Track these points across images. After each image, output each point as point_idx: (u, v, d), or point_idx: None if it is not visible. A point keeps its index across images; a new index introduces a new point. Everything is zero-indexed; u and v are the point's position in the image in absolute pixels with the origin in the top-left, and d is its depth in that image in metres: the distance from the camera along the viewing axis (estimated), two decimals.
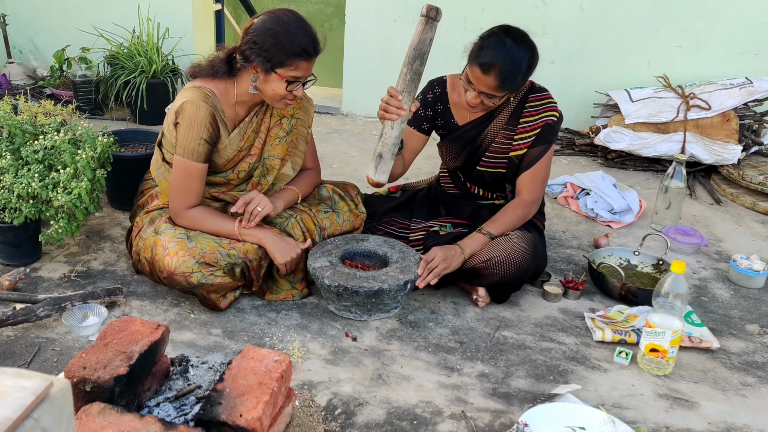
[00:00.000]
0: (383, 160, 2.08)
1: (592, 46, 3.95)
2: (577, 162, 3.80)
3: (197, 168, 2.12)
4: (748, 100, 3.55)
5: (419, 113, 2.39)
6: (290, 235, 2.23)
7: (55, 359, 1.88)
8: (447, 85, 2.38)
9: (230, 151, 2.18)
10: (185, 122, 2.08)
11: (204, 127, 2.08)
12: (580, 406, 1.71)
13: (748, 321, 2.29)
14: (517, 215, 2.27)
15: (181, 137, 2.09)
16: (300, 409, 1.66)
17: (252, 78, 2.07)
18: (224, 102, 2.14)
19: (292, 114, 2.29)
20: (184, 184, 2.13)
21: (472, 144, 2.35)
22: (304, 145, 2.35)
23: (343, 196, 2.42)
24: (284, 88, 2.04)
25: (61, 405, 0.77)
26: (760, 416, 1.82)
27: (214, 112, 2.09)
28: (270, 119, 2.25)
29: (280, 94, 2.06)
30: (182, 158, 2.10)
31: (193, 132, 2.08)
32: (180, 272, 2.01)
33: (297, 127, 2.32)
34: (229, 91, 2.14)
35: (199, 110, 2.06)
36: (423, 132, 2.41)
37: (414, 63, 1.99)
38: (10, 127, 2.35)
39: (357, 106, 4.49)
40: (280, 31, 1.99)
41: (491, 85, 2.11)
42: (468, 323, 2.17)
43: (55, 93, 4.22)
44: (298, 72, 2.03)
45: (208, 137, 2.10)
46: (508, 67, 2.08)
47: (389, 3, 4.17)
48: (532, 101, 2.29)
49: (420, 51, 1.97)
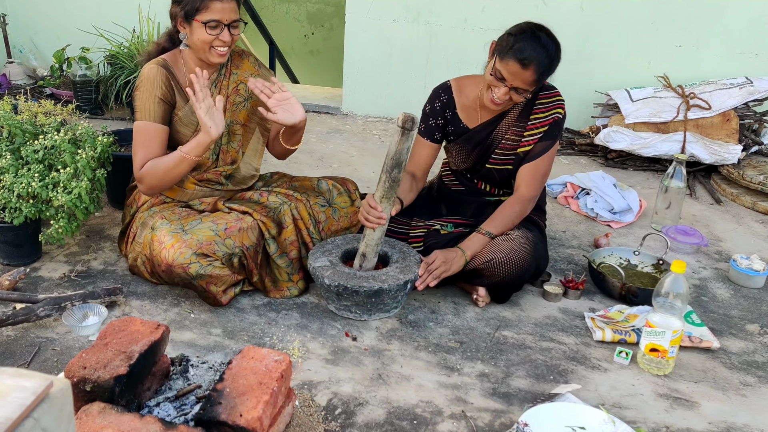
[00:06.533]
0: (367, 259, 2.20)
1: (592, 45, 3.95)
2: (577, 162, 3.80)
3: (155, 129, 2.18)
4: (748, 99, 3.55)
5: (429, 123, 2.39)
6: (280, 224, 2.26)
7: (55, 359, 1.88)
8: (453, 90, 2.37)
9: (194, 119, 2.24)
10: (141, 85, 2.19)
11: (157, 85, 2.17)
12: (580, 406, 1.71)
13: (748, 321, 2.29)
14: (515, 212, 2.26)
15: (138, 101, 2.18)
16: (300, 409, 1.66)
17: (181, 35, 2.20)
18: (176, 69, 2.24)
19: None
20: (142, 147, 2.18)
21: (482, 144, 2.35)
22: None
23: (342, 191, 2.43)
24: (206, 33, 2.13)
25: (61, 405, 0.77)
26: (760, 416, 1.82)
27: (168, 74, 2.19)
28: (228, 87, 2.32)
29: (205, 41, 2.14)
30: (140, 121, 2.18)
31: (147, 92, 2.17)
32: (178, 264, 2.02)
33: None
34: (178, 59, 2.26)
35: (152, 71, 2.18)
36: (435, 141, 2.41)
37: (392, 171, 2.07)
38: (10, 126, 2.35)
39: (357, 106, 4.49)
40: None
41: (529, 79, 2.12)
42: (468, 323, 2.17)
43: (55, 93, 4.22)
44: (213, 14, 2.11)
45: (162, 95, 2.17)
46: (546, 62, 2.11)
47: (389, 3, 4.17)
48: (543, 98, 2.29)
49: (397, 160, 2.05)
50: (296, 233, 2.28)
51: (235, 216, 2.20)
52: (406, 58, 4.26)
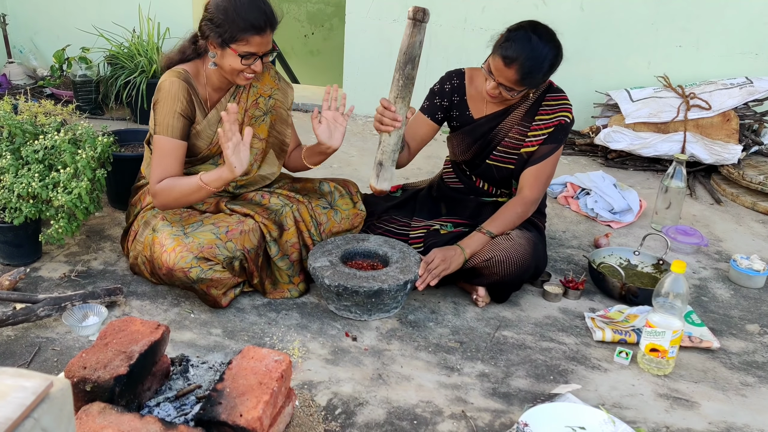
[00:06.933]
0: (384, 168, 2.10)
1: (592, 45, 3.95)
2: (578, 162, 3.80)
3: (174, 144, 2.13)
4: (748, 99, 3.55)
5: (435, 102, 2.39)
6: (282, 226, 2.25)
7: (55, 359, 1.88)
8: (465, 78, 2.38)
9: (210, 133, 2.21)
10: (161, 99, 2.12)
11: (178, 100, 2.11)
12: (580, 406, 1.71)
13: (748, 321, 2.29)
14: (517, 213, 2.27)
15: (158, 114, 2.12)
16: (300, 409, 1.66)
17: (211, 54, 2.11)
18: (197, 81, 2.18)
19: (270, 94, 2.31)
20: (161, 161, 2.13)
21: (485, 138, 2.36)
22: (283, 128, 2.37)
23: (344, 193, 2.42)
24: (239, 63, 2.07)
25: (61, 405, 0.77)
26: (760, 416, 1.82)
27: (189, 88, 2.13)
28: (247, 100, 2.28)
29: (236, 68, 2.09)
30: (160, 135, 2.13)
31: (167, 106, 2.11)
32: (179, 268, 2.02)
33: (275, 108, 2.34)
34: (200, 71, 2.19)
35: (173, 85, 2.11)
36: (436, 122, 2.41)
37: (405, 68, 1.98)
38: (11, 126, 2.35)
39: (357, 106, 4.45)
40: (229, 8, 2.02)
41: (511, 78, 2.12)
42: (468, 323, 2.17)
43: (55, 93, 4.22)
44: (250, 47, 2.05)
45: (182, 111, 2.12)
46: (530, 63, 2.09)
47: (389, 3, 4.17)
48: (549, 100, 2.29)
49: (410, 55, 1.95)
50: (298, 235, 2.28)
51: (237, 218, 2.18)
52: None
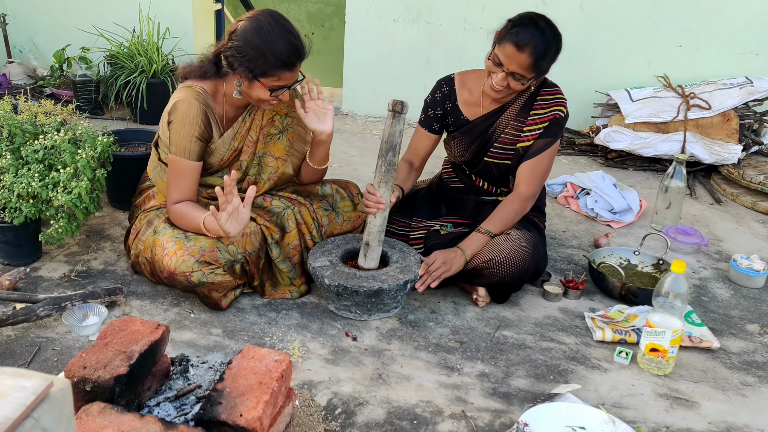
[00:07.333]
0: (370, 248, 2.20)
1: (592, 45, 3.95)
2: (577, 162, 3.80)
3: (190, 166, 2.12)
4: (748, 99, 3.55)
5: (429, 114, 2.42)
6: (284, 228, 2.24)
7: (55, 359, 1.88)
8: (455, 83, 2.39)
9: (223, 150, 2.19)
10: (178, 121, 2.09)
11: (196, 125, 2.08)
12: (580, 406, 1.71)
13: (748, 321, 2.29)
14: (515, 210, 2.27)
15: (174, 136, 2.10)
16: (300, 409, 1.66)
17: (237, 83, 2.07)
18: (215, 100, 2.16)
19: (286, 112, 2.30)
20: (176, 181, 2.13)
21: (482, 137, 2.36)
22: (302, 145, 2.35)
23: (345, 196, 2.42)
24: (268, 95, 2.05)
25: (61, 405, 0.77)
26: (760, 416, 1.82)
27: (207, 110, 2.11)
28: (262, 118, 2.25)
29: (264, 99, 2.07)
30: (176, 156, 2.11)
31: (185, 130, 2.08)
32: (180, 272, 2.02)
33: (293, 126, 2.32)
34: (218, 90, 2.16)
35: (191, 108, 2.08)
36: (434, 132, 2.44)
37: (387, 155, 2.11)
38: (10, 126, 2.35)
39: (357, 106, 4.49)
40: (261, 45, 1.98)
41: (524, 63, 2.12)
42: (468, 323, 2.17)
43: (55, 92, 4.22)
44: (281, 82, 2.04)
45: (200, 135, 2.10)
46: (542, 46, 2.11)
47: (389, 3, 4.17)
48: (544, 95, 2.30)
49: (391, 143, 2.09)
50: (299, 238, 2.28)
51: None
52: (406, 58, 4.26)
